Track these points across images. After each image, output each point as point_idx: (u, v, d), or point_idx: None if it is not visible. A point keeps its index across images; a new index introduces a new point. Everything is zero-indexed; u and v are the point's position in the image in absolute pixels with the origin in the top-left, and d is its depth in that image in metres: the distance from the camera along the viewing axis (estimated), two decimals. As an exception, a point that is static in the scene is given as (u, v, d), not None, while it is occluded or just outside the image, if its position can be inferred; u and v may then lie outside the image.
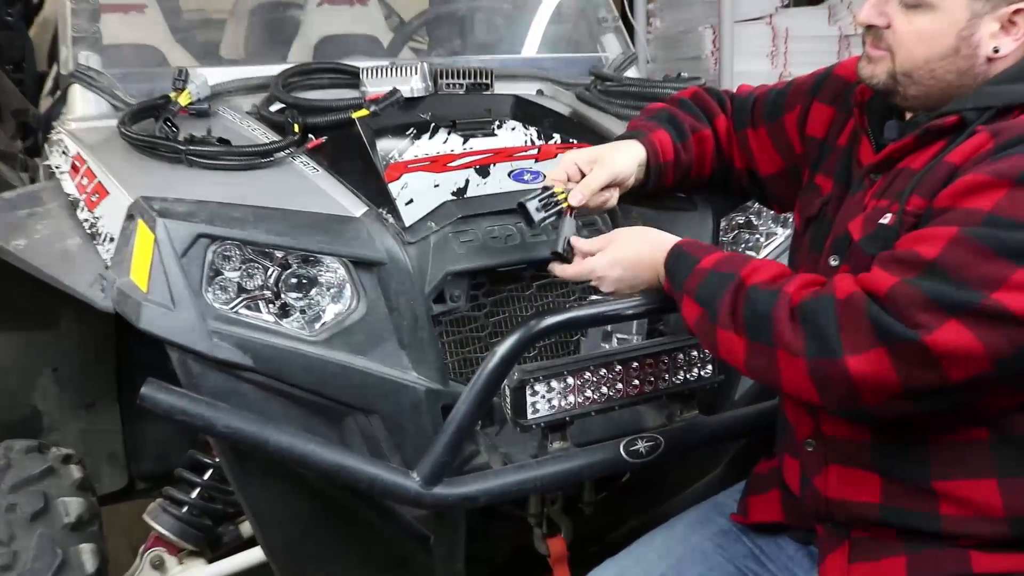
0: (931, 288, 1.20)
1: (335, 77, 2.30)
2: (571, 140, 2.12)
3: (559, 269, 1.58)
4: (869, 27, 1.39)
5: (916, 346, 1.19)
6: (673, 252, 1.45)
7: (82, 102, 2.18)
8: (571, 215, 1.65)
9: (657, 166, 1.75)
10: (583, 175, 1.68)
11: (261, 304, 1.69)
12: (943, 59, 1.34)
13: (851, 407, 1.26)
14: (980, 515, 1.30)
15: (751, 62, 4.63)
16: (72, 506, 1.85)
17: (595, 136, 2.11)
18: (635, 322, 1.81)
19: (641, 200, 1.85)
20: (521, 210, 1.64)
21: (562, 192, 1.64)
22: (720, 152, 1.81)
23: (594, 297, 1.70)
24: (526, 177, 1.96)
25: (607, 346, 1.77)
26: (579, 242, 1.55)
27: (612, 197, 1.70)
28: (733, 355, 1.33)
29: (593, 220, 1.89)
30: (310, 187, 1.84)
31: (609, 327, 1.80)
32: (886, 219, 1.34)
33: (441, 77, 2.24)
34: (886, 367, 1.20)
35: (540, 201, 1.63)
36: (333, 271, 1.72)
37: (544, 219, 1.63)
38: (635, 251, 1.50)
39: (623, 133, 1.81)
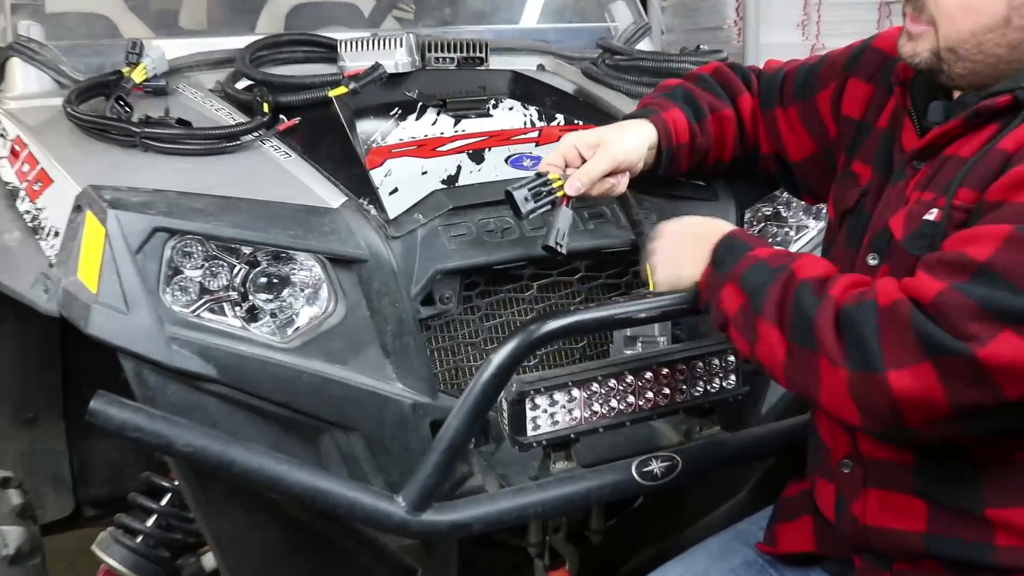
0: (983, 295, 1.19)
1: (310, 50, 2.30)
2: (576, 121, 2.12)
3: None
4: None
5: (966, 360, 1.18)
6: (726, 237, 1.47)
7: (22, 78, 2.17)
8: (567, 205, 1.65)
9: (669, 149, 1.76)
10: (584, 160, 1.70)
11: (226, 307, 1.69)
12: (992, 31, 1.33)
13: (893, 429, 1.26)
14: (1039, 546, 1.31)
15: (779, 33, 4.63)
16: (11, 536, 1.85)
17: (603, 116, 2.12)
18: (658, 326, 1.82)
19: (654, 188, 1.86)
20: (508, 199, 1.64)
21: (558, 179, 1.66)
22: (743, 135, 1.82)
23: (617, 297, 1.71)
24: (526, 163, 1.95)
25: (629, 351, 1.78)
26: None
27: (619, 184, 1.72)
28: (772, 356, 1.33)
29: (601, 211, 1.89)
30: (281, 175, 1.84)
31: (628, 330, 1.81)
32: (931, 215, 1.34)
33: (429, 50, 2.24)
34: (932, 384, 1.20)
35: (531, 189, 1.64)
36: (308, 270, 1.72)
37: (534, 210, 1.64)
38: (684, 237, 1.53)
39: (632, 112, 1.83)
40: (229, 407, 1.66)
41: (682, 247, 1.53)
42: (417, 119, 2.07)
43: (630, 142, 1.71)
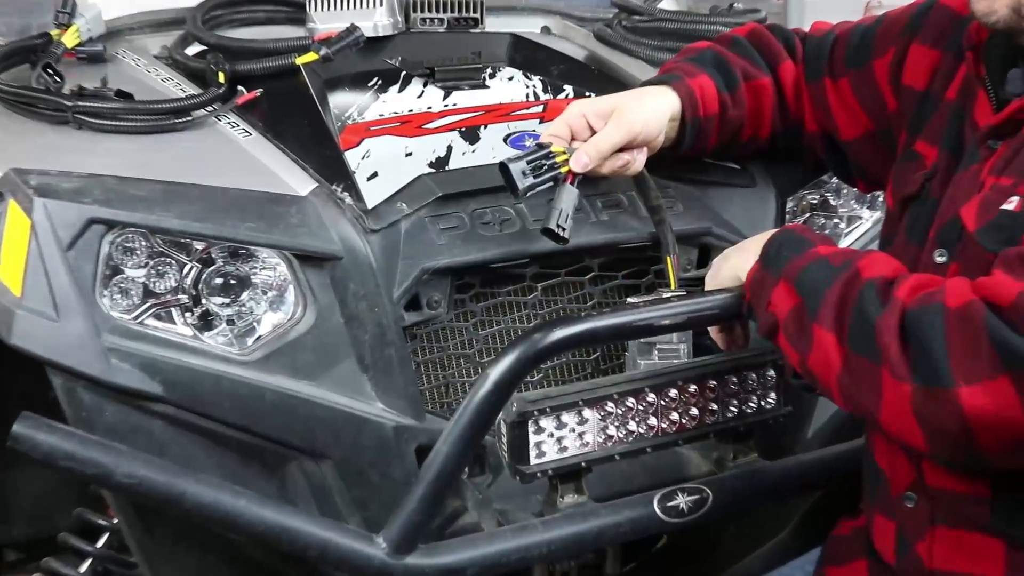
0: None
1: (273, 10, 2.31)
2: (588, 94, 2.12)
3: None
4: None
5: None
6: (782, 232, 1.49)
7: (-69, 43, 2.18)
8: (572, 183, 1.65)
9: (695, 121, 1.76)
10: (593, 132, 1.71)
11: (175, 312, 1.70)
12: None
13: (965, 454, 1.26)
14: None
15: (828, -12, 4.63)
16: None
17: (620, 88, 2.11)
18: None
19: (679, 171, 1.87)
20: (503, 173, 1.65)
21: (562, 153, 1.66)
22: (785, 109, 1.83)
23: (632, 300, 1.71)
24: (528, 143, 1.96)
25: (644, 362, 1.79)
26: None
27: (635, 161, 1.72)
28: (826, 367, 1.34)
29: (617, 200, 1.89)
30: (240, 156, 1.85)
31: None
32: (1010, 203, 1.34)
33: (414, 10, 2.23)
34: (1010, 401, 1.20)
35: (530, 162, 1.64)
36: (271, 269, 1.73)
37: (533, 187, 1.64)
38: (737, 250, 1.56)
39: (652, 78, 1.84)
40: (178, 431, 1.66)
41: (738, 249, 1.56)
42: (400, 91, 2.07)
43: (648, 111, 1.71)
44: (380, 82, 2.08)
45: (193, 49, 2.15)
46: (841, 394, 1.34)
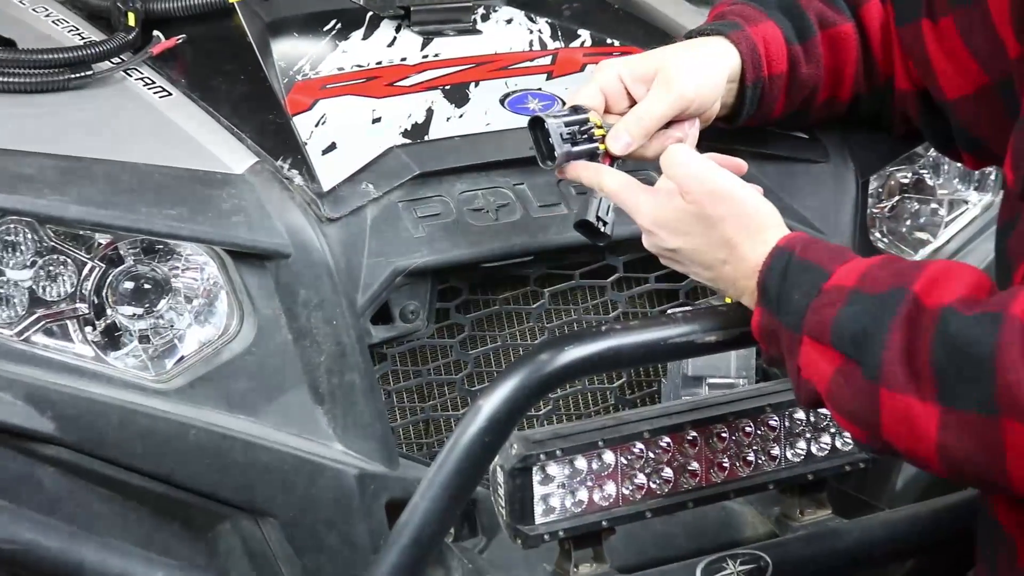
0: None
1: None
2: (611, 42, 2.13)
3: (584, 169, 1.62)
4: None
5: None
6: (776, 254, 1.46)
7: None
8: (612, 166, 1.66)
9: (758, 83, 1.78)
10: (632, 101, 1.71)
11: (72, 327, 1.70)
12: None
13: None
14: None
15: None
16: None
17: (653, 35, 2.13)
18: (734, 355, 1.81)
19: (732, 142, 1.85)
20: (534, 130, 1.65)
21: (600, 127, 1.66)
22: (871, 62, 1.83)
23: (674, 310, 1.71)
24: (532, 105, 1.96)
25: (687, 397, 1.80)
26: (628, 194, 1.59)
27: (687, 138, 1.71)
28: (914, 435, 1.32)
29: (648, 180, 1.85)
30: (156, 123, 1.86)
31: (688, 364, 1.82)
32: None
33: (382, -69, 2.25)
34: None
35: (568, 124, 1.64)
36: (197, 269, 1.75)
37: (570, 155, 1.64)
38: (714, 234, 1.51)
39: (702, 26, 1.83)
40: (76, 481, 1.66)
41: (688, 239, 1.52)
42: (365, 38, 2.08)
43: (702, 73, 1.72)
44: (339, 26, 2.09)
45: (96, -18, 2.16)
46: (944, 463, 1.31)
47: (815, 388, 1.40)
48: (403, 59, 2.05)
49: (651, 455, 1.64)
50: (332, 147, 1.85)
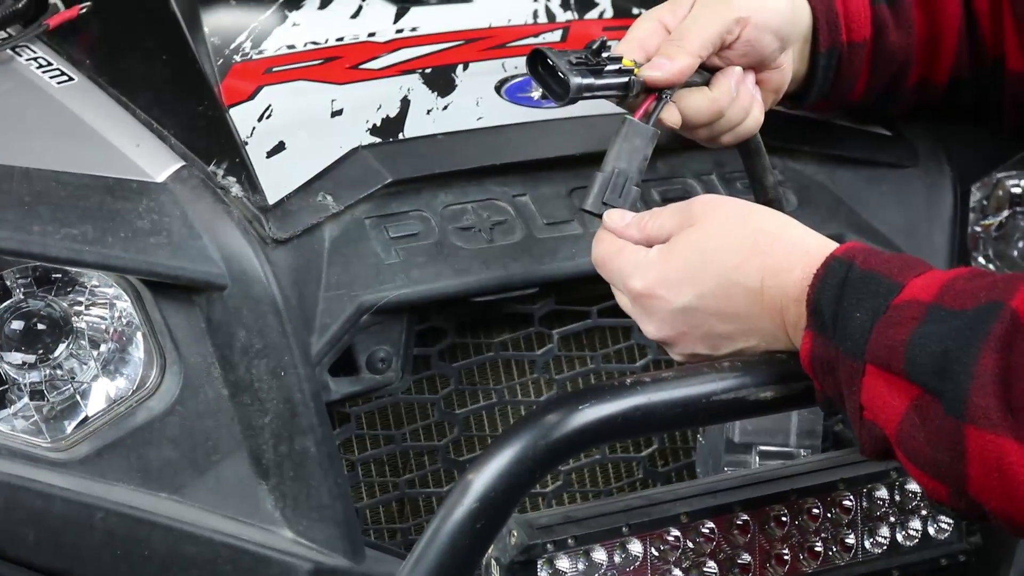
0: None
1: None
2: (638, 11, 2.11)
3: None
4: None
5: None
6: (832, 269, 1.44)
7: None
8: (648, 120, 1.64)
9: (835, 51, 1.80)
10: None
11: (-54, 379, 1.68)
12: None
13: None
14: None
15: None
16: None
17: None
18: (795, 416, 1.83)
19: (792, 134, 1.91)
20: (534, 66, 1.66)
21: (632, 64, 1.65)
22: (976, 37, 1.86)
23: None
24: (536, 95, 1.95)
25: (729, 469, 1.84)
26: (616, 219, 1.60)
27: (753, 104, 1.73)
28: (1009, 491, 1.30)
29: (687, 188, 1.92)
30: (54, 115, 1.86)
31: (735, 427, 1.84)
32: None
33: None
34: None
35: (578, 59, 1.64)
36: (106, 305, 1.76)
37: (592, 88, 1.62)
38: (729, 258, 1.50)
39: None
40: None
41: (738, 266, 1.50)
42: (322, 7, 2.11)
43: (772, 5, 1.73)
44: None
45: (-24, -62, 2.13)
46: None
47: (882, 431, 1.38)
48: (371, 34, 2.06)
49: (690, 545, 1.65)
50: (280, 147, 1.84)
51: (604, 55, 1.64)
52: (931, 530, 1.73)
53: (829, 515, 1.69)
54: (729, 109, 1.72)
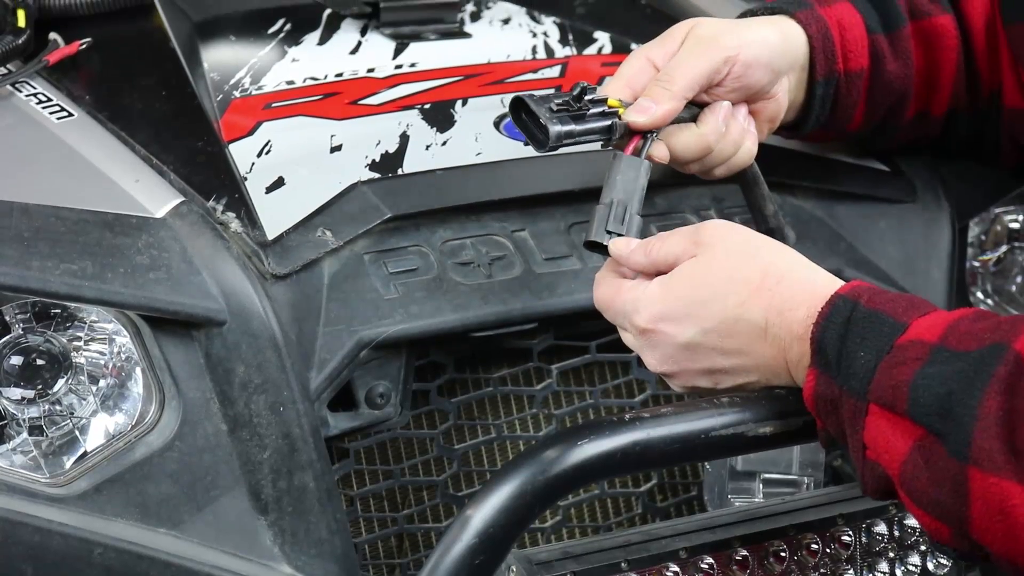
0: None
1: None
2: (635, 45, 2.13)
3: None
4: None
5: None
6: (836, 307, 1.45)
7: None
8: (639, 154, 1.66)
9: (832, 80, 1.80)
10: None
11: (-59, 414, 1.68)
12: None
13: None
14: None
15: None
16: None
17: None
18: (798, 452, 1.83)
19: (789, 169, 1.90)
20: (517, 112, 1.68)
21: (619, 104, 1.67)
22: (973, 69, 1.85)
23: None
24: None
25: (735, 497, 1.85)
26: (621, 246, 1.62)
27: (746, 135, 1.73)
28: (1012, 534, 1.30)
29: (685, 223, 1.85)
30: (54, 151, 1.85)
31: (739, 458, 1.85)
32: None
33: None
34: None
35: (560, 103, 1.66)
36: (105, 340, 1.75)
37: (573, 135, 1.64)
38: (735, 294, 1.51)
39: (758, 6, 1.87)
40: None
41: (740, 298, 1.51)
42: (322, 43, 2.11)
43: (751, 28, 1.74)
44: (289, 27, 2.11)
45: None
46: None
47: (885, 471, 1.39)
48: (370, 70, 2.06)
49: (690, 583, 1.66)
50: (279, 183, 1.85)
51: (587, 98, 1.66)
52: (930, 565, 1.74)
53: (828, 550, 1.69)
54: (719, 144, 1.73)
